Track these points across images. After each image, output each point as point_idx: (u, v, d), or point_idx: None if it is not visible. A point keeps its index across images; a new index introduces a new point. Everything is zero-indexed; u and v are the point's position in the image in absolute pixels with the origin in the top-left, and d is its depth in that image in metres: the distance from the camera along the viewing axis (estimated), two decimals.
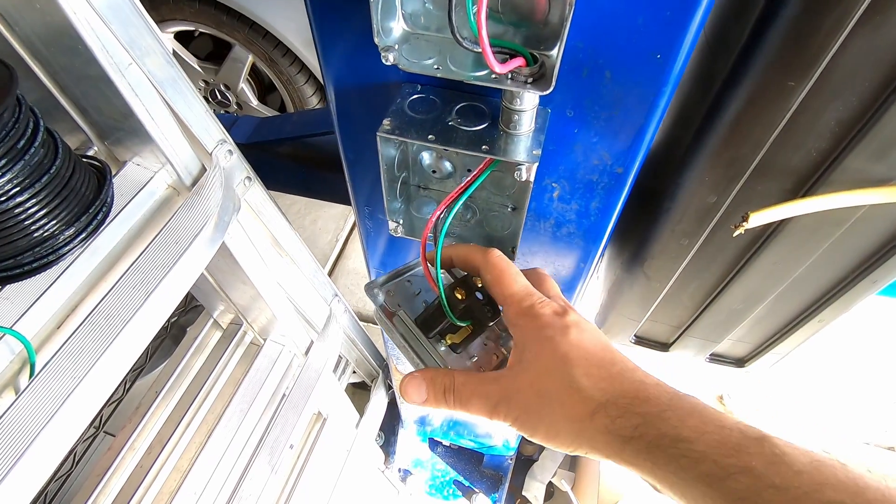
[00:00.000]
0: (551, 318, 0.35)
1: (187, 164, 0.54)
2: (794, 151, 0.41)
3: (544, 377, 0.33)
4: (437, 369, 0.39)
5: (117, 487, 0.76)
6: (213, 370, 0.85)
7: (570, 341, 0.34)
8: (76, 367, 0.42)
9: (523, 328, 0.36)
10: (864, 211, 0.44)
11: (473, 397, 0.36)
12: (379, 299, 0.45)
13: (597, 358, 0.33)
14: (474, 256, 0.41)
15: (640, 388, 0.31)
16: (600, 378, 0.32)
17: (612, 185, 0.49)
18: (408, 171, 0.53)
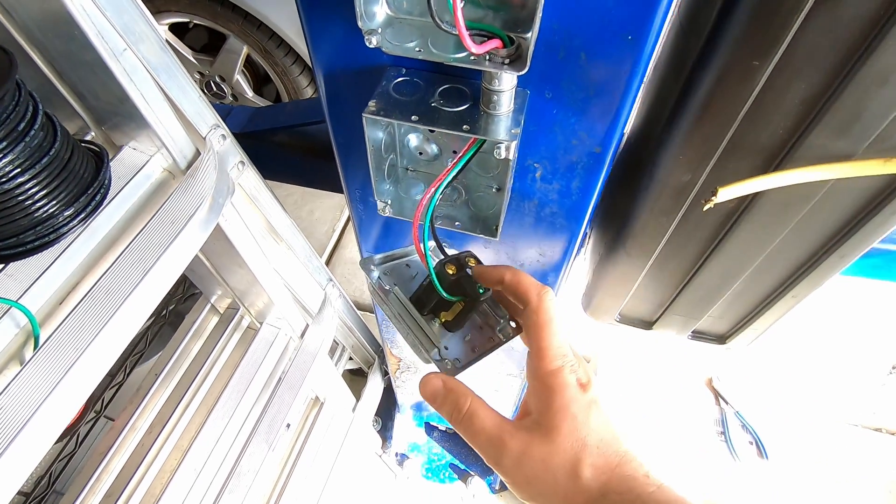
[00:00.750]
0: (577, 391, 0.36)
1: (182, 148, 0.55)
2: (762, 129, 0.43)
3: (556, 456, 0.34)
4: (460, 384, 0.40)
5: (119, 466, 0.78)
6: (210, 353, 0.87)
7: (589, 425, 0.35)
8: (78, 339, 0.44)
9: (549, 391, 0.37)
10: (830, 187, 0.46)
11: (480, 436, 0.37)
12: (374, 275, 0.47)
13: (605, 447, 0.35)
14: (529, 290, 0.40)
15: (631, 486, 0.33)
16: (603, 470, 0.34)
17: (592, 164, 0.51)
18: (395, 154, 0.55)
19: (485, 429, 0.37)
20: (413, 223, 0.46)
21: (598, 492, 0.34)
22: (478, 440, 0.37)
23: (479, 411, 0.38)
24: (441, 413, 0.39)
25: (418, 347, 0.43)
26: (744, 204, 0.50)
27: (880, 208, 0.47)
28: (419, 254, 0.45)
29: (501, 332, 0.48)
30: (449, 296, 0.44)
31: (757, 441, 1.33)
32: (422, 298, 0.45)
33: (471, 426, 0.37)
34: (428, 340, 0.43)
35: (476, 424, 0.37)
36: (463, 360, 0.44)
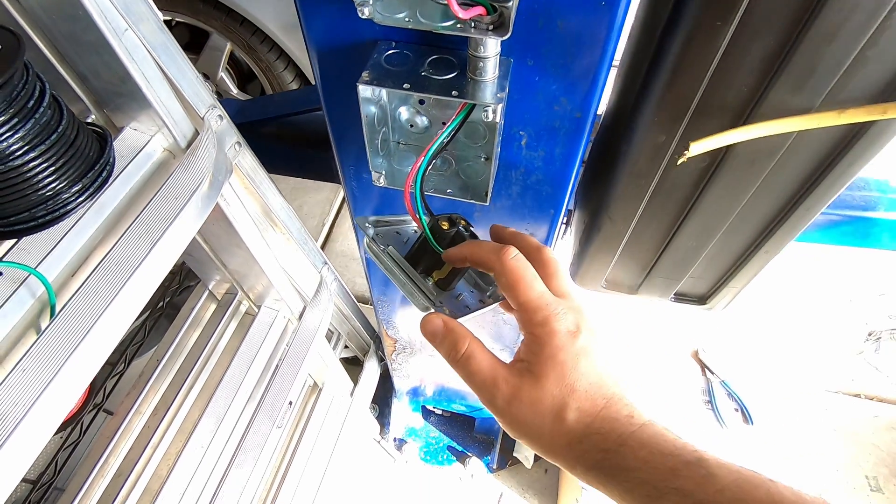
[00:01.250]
0: (565, 338, 0.38)
1: (182, 128, 0.58)
2: (728, 88, 0.47)
3: (544, 400, 0.36)
4: (459, 325, 0.42)
5: (126, 449, 0.80)
6: (210, 337, 0.89)
7: (578, 370, 0.37)
8: (93, 307, 0.46)
9: (538, 341, 0.38)
10: (792, 141, 0.50)
11: (476, 376, 0.39)
12: (370, 231, 0.49)
13: (592, 391, 0.37)
14: (488, 258, 0.41)
15: (612, 426, 0.36)
16: (587, 413, 0.36)
17: (573, 129, 0.54)
18: (387, 128, 0.58)
19: (480, 370, 0.39)
20: (405, 188, 0.49)
21: (581, 433, 0.36)
22: (473, 380, 0.39)
23: (475, 353, 0.40)
24: (439, 351, 0.42)
25: (414, 296, 0.46)
26: (715, 162, 0.54)
27: (839, 158, 0.51)
28: (411, 214, 0.48)
29: (491, 296, 0.52)
30: (443, 250, 0.47)
31: (742, 408, 1.39)
32: (416, 256, 0.48)
33: (467, 366, 0.40)
34: (423, 293, 0.46)
35: (472, 365, 0.39)
36: (457, 313, 0.47)
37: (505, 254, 0.40)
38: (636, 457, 0.34)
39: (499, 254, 0.40)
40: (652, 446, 0.34)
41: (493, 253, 0.41)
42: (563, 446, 0.36)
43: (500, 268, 0.40)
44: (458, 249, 0.44)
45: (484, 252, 0.42)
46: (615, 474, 0.34)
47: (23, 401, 0.40)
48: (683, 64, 0.47)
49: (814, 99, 0.46)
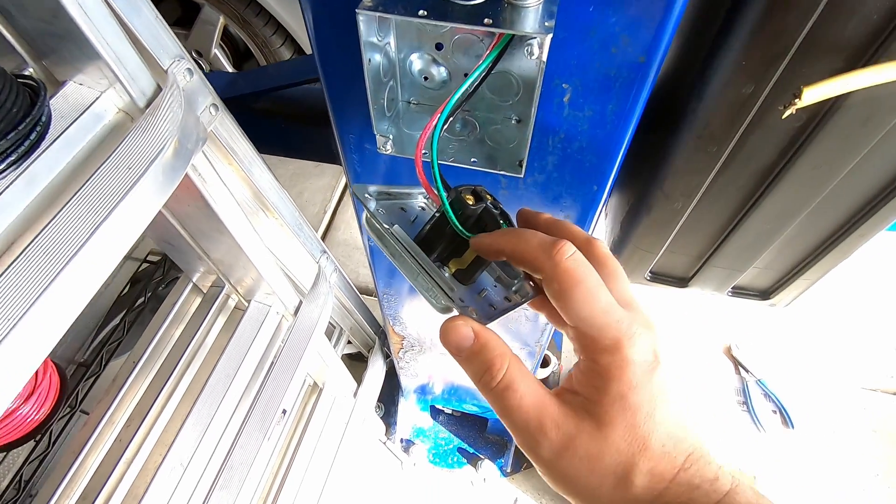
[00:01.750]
0: (641, 373, 0.29)
1: (140, 83, 0.46)
2: (850, 17, 0.35)
3: (606, 456, 0.28)
4: (496, 338, 0.32)
5: (96, 463, 0.70)
6: (194, 336, 0.78)
7: (655, 420, 0.28)
8: (15, 308, 0.35)
9: (603, 373, 0.29)
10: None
11: (515, 414, 0.30)
12: (371, 204, 0.38)
13: (669, 448, 0.28)
14: (536, 255, 0.31)
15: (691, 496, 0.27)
16: (661, 478, 0.28)
17: (633, 80, 0.42)
18: (395, 83, 0.46)
19: (522, 407, 0.29)
20: (416, 153, 0.38)
21: (650, 501, 0.27)
22: (511, 418, 0.30)
23: (516, 381, 0.30)
24: (467, 371, 0.32)
25: (433, 290, 0.35)
26: (814, 121, 0.42)
27: None
28: (426, 187, 0.36)
29: (518, 292, 0.40)
30: (466, 232, 0.35)
31: (781, 409, 1.28)
32: (429, 239, 0.37)
33: (504, 399, 0.30)
34: (439, 288, 0.35)
35: (512, 399, 0.30)
36: (483, 315, 0.36)
37: (559, 251, 0.30)
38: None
39: (550, 251, 0.30)
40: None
41: (543, 250, 0.30)
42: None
43: (553, 270, 0.30)
44: (494, 239, 0.34)
45: (531, 247, 0.31)
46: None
47: None
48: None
49: None
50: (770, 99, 0.41)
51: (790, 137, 0.44)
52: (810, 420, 1.32)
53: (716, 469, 0.28)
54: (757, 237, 0.55)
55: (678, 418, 0.29)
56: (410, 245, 0.37)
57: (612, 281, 0.32)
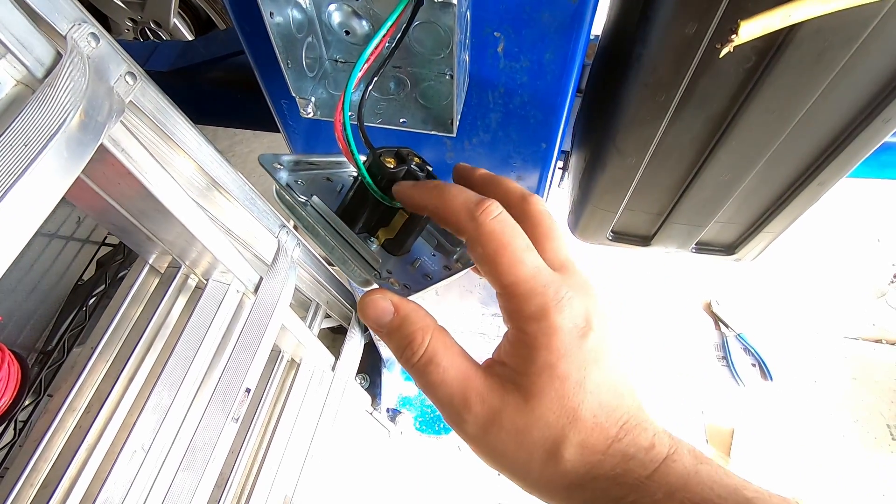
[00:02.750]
0: (570, 339, 0.27)
1: (36, 52, 0.42)
2: None
3: (536, 429, 0.27)
4: (417, 310, 0.30)
5: (57, 449, 0.69)
6: (152, 317, 0.76)
7: (585, 388, 0.26)
8: None
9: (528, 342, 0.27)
10: (881, 19, 0.35)
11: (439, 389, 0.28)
12: (281, 176, 0.35)
13: (604, 415, 0.27)
14: (457, 215, 0.28)
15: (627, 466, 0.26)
16: (591, 451, 0.26)
17: (568, 23, 0.39)
18: (316, 39, 0.43)
19: (445, 381, 0.28)
20: (335, 116, 0.35)
21: (584, 475, 0.26)
22: (435, 394, 0.28)
23: (438, 355, 0.28)
24: (389, 346, 0.30)
25: (349, 263, 0.33)
26: (766, 57, 0.39)
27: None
28: (343, 149, 0.34)
29: (461, 259, 0.38)
30: (386, 198, 0.33)
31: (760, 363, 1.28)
32: (351, 209, 0.34)
33: (426, 374, 0.28)
34: (361, 258, 0.33)
35: (434, 374, 0.28)
36: (413, 286, 0.34)
37: (484, 212, 0.28)
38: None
39: (475, 212, 0.28)
40: (684, 493, 0.24)
41: (467, 209, 0.28)
42: (558, 491, 0.27)
43: (476, 231, 0.28)
44: (417, 191, 0.31)
45: (454, 205, 0.29)
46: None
47: None
48: None
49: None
50: (716, 38, 0.38)
51: (740, 80, 0.41)
52: (790, 372, 1.33)
53: (651, 436, 0.27)
54: (715, 190, 0.52)
55: (612, 386, 0.27)
56: (329, 216, 0.35)
57: (547, 241, 0.30)
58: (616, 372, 0.28)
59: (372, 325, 0.30)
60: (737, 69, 0.40)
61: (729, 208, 0.55)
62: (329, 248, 0.34)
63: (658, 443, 0.26)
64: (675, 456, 0.26)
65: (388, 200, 0.34)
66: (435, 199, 0.30)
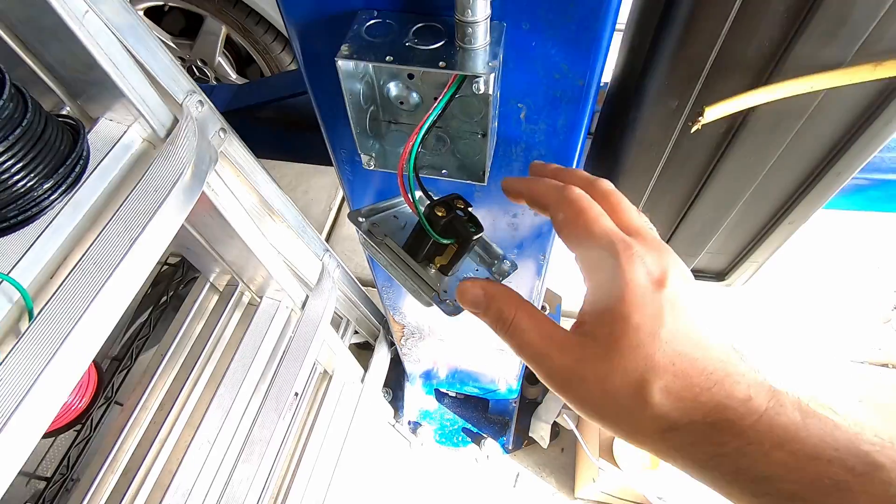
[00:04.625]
0: (644, 289, 0.28)
1: (160, 116, 0.54)
2: (747, 43, 0.42)
3: (616, 377, 0.28)
4: (503, 287, 0.34)
5: (133, 445, 0.80)
6: (213, 329, 0.88)
7: (660, 339, 0.27)
8: (72, 310, 0.44)
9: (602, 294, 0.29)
10: (821, 99, 0.45)
11: (529, 350, 0.31)
12: (363, 225, 0.46)
13: (685, 364, 0.27)
14: (546, 192, 0.33)
15: (722, 412, 0.26)
16: (681, 396, 0.26)
17: (576, 99, 0.49)
18: (376, 106, 0.54)
19: (531, 342, 0.31)
20: (398, 171, 0.45)
21: (678, 420, 0.26)
22: (524, 352, 0.31)
23: (523, 322, 0.31)
24: (487, 322, 0.34)
25: (418, 292, 0.43)
26: (734, 126, 0.49)
27: (875, 118, 0.46)
28: (406, 199, 0.44)
29: (497, 272, 0.48)
30: (441, 238, 0.43)
31: None
32: (414, 245, 0.45)
33: (516, 337, 0.31)
34: (426, 284, 0.43)
35: (522, 336, 0.31)
36: None
37: (565, 188, 0.33)
38: (772, 461, 0.25)
39: (559, 189, 0.33)
40: (794, 445, 0.24)
41: (553, 188, 0.33)
42: (651, 435, 0.28)
43: (558, 202, 0.32)
44: (516, 183, 0.38)
45: (543, 188, 0.35)
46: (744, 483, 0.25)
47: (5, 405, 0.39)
48: (698, 18, 0.42)
49: (846, 51, 0.41)
50: (693, 110, 0.48)
51: (716, 142, 0.51)
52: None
53: (745, 388, 0.26)
54: (703, 226, 0.62)
55: (691, 336, 0.27)
56: (400, 252, 0.45)
57: (617, 213, 0.33)
58: (695, 324, 0.28)
59: (470, 308, 0.35)
60: (713, 133, 0.50)
61: (716, 241, 0.65)
62: (403, 279, 0.44)
63: (755, 395, 0.26)
64: (777, 408, 0.25)
65: (442, 239, 0.44)
66: (529, 184, 0.36)
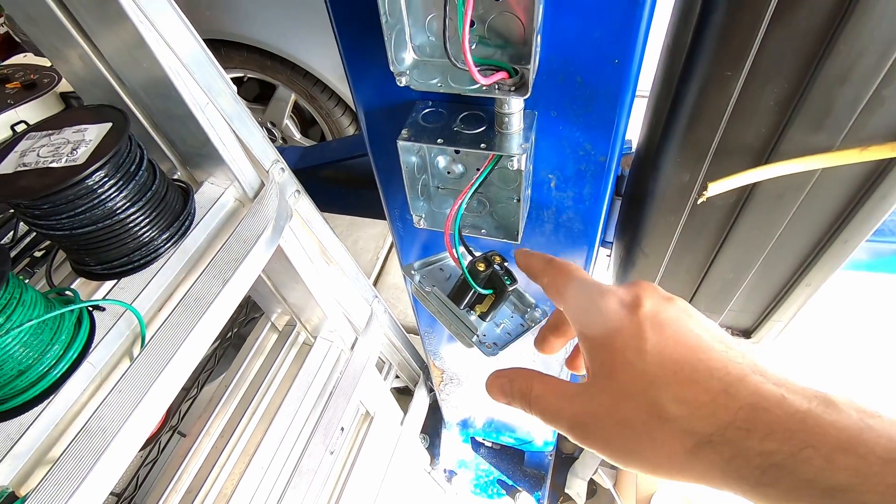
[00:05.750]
0: (620, 316, 0.28)
1: (250, 181, 0.66)
2: (745, 130, 0.49)
3: (622, 404, 0.27)
4: (517, 370, 0.35)
5: (196, 468, 0.88)
6: (272, 366, 0.97)
7: (647, 350, 0.27)
8: (175, 338, 0.53)
9: (587, 331, 0.30)
10: (819, 176, 0.51)
11: (548, 413, 0.31)
12: (416, 278, 0.55)
13: (687, 370, 0.26)
14: (537, 266, 0.37)
15: (755, 410, 0.23)
16: (697, 403, 0.25)
17: (599, 172, 0.57)
18: (427, 174, 0.64)
19: (548, 405, 0.31)
20: (444, 232, 0.54)
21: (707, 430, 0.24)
22: (547, 418, 0.32)
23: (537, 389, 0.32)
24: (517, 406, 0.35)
25: (461, 335, 0.50)
26: (743, 198, 0.55)
27: (871, 193, 0.51)
28: (452, 257, 0.53)
29: (529, 318, 0.55)
30: (481, 289, 0.51)
31: None
32: (458, 294, 0.53)
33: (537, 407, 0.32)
34: (468, 328, 0.50)
35: (541, 403, 0.32)
36: (500, 343, 0.51)
37: (552, 259, 0.38)
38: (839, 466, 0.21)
39: (545, 259, 0.38)
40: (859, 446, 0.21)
41: (541, 259, 0.38)
42: (687, 455, 0.25)
43: (545, 268, 0.36)
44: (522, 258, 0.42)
45: (535, 261, 0.39)
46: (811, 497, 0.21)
47: (120, 415, 0.48)
48: (699, 110, 0.50)
49: (834, 137, 0.47)
50: (703, 184, 0.55)
51: (726, 212, 0.57)
52: None
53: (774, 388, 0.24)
54: (724, 285, 0.67)
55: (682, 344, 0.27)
56: (446, 301, 0.54)
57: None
58: (684, 332, 0.27)
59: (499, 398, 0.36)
60: (723, 204, 0.56)
61: (738, 300, 0.69)
62: (447, 323, 0.52)
63: (789, 394, 0.23)
64: (824, 408, 0.22)
65: (482, 290, 0.52)
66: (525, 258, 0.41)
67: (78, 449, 0.45)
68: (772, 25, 0.41)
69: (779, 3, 0.40)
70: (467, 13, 0.40)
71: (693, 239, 0.62)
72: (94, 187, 0.50)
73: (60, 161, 0.50)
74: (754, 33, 0.42)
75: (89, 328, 0.52)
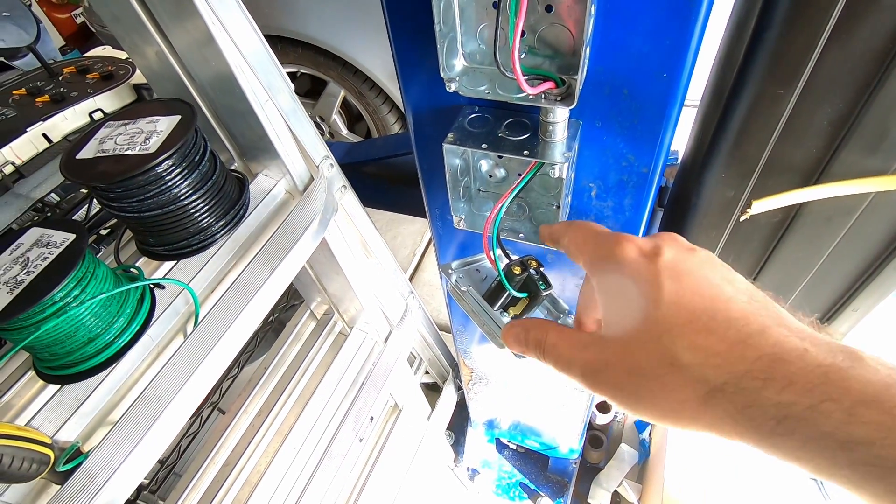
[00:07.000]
0: (636, 264, 0.28)
1: (301, 174, 0.70)
2: (795, 149, 0.48)
3: (635, 351, 0.27)
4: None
5: (233, 444, 0.93)
6: (308, 353, 1.01)
7: (663, 300, 0.26)
8: (225, 319, 0.57)
9: (603, 279, 0.30)
10: (871, 200, 0.49)
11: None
12: (453, 277, 0.57)
13: (704, 319, 0.25)
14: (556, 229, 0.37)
15: (774, 362, 0.23)
16: (711, 351, 0.24)
17: (640, 183, 0.58)
18: (469, 177, 0.66)
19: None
20: (483, 234, 0.56)
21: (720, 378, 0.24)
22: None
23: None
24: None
25: (493, 335, 0.52)
26: (789, 217, 0.54)
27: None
28: (489, 259, 0.54)
29: (562, 323, 0.56)
30: (516, 292, 0.52)
31: None
32: (493, 296, 0.54)
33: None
34: (500, 329, 0.52)
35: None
36: None
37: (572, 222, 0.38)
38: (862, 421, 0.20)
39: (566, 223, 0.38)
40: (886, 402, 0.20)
41: (563, 225, 0.38)
42: (699, 404, 0.24)
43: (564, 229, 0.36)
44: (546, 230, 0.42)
45: (556, 226, 0.39)
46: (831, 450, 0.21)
47: (173, 386, 0.52)
48: (748, 126, 0.49)
49: (890, 161, 0.46)
50: (748, 202, 0.54)
51: (771, 231, 0.56)
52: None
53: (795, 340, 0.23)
54: None
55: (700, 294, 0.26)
56: (481, 301, 0.55)
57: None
58: (704, 282, 0.26)
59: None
60: (767, 222, 0.55)
61: None
62: (481, 323, 0.54)
63: (812, 347, 0.22)
64: (849, 362, 0.21)
65: (517, 293, 0.53)
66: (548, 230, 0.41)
67: (135, 414, 0.49)
68: (829, 45, 0.41)
69: (837, 22, 0.40)
70: (519, 23, 0.42)
71: (735, 255, 0.61)
72: (163, 174, 0.54)
73: (134, 149, 0.54)
74: (810, 52, 0.42)
75: (150, 304, 0.56)
